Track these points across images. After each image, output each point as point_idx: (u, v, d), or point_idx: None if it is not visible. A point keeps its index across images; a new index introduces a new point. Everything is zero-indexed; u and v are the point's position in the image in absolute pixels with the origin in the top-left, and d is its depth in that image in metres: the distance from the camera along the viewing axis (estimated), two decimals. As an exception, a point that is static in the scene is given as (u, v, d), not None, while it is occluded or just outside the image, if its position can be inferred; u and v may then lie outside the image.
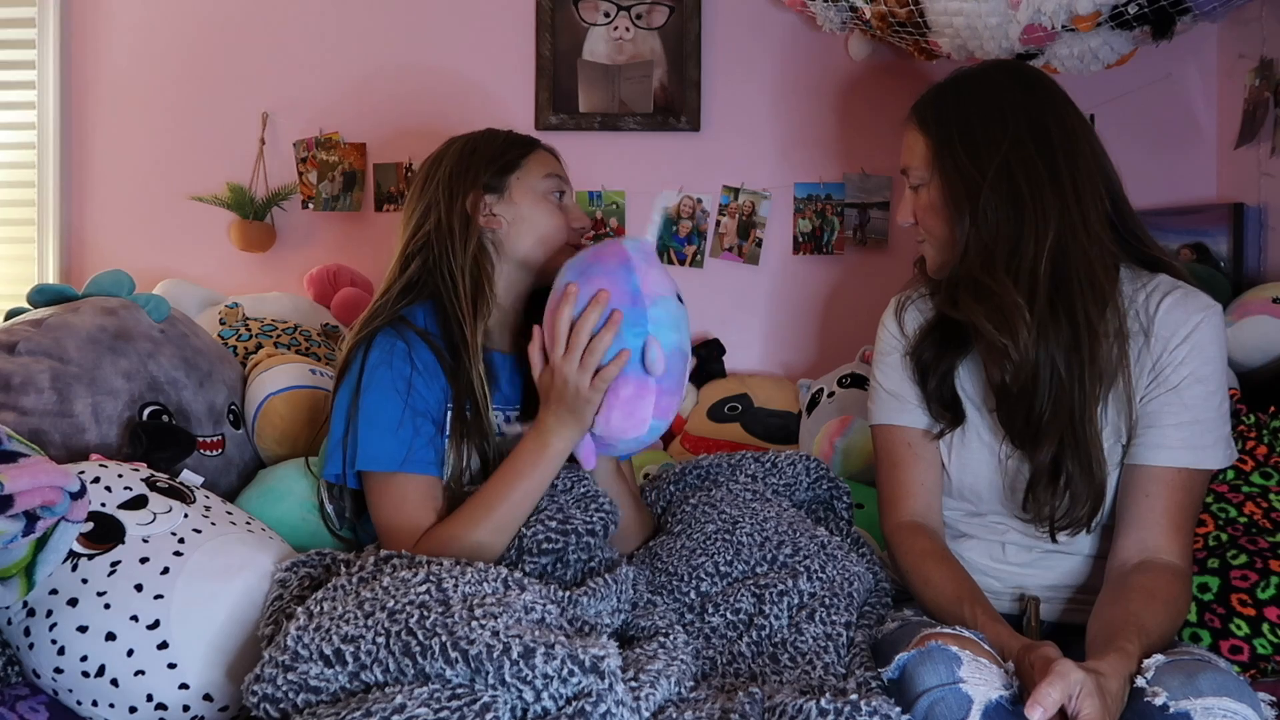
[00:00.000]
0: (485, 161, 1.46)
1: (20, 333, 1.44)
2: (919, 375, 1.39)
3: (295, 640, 1.04)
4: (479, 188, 1.44)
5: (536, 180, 1.47)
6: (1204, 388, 1.26)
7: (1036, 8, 1.75)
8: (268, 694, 1.03)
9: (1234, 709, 0.99)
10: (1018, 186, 1.25)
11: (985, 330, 1.25)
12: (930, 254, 1.38)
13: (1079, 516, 1.27)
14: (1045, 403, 1.25)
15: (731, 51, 2.34)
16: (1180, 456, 1.25)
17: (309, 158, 2.38)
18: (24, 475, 1.01)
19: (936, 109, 1.35)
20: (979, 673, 1.05)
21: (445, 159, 1.48)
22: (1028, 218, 1.25)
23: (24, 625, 1.14)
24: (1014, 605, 1.36)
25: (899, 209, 1.41)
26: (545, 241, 1.46)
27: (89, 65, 2.44)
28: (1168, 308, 1.28)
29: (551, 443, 1.29)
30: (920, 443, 1.40)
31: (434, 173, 1.47)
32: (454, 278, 1.40)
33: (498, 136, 1.51)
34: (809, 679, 1.15)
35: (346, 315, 2.26)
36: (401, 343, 1.37)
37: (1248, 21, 2.06)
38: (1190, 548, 1.27)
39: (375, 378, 1.35)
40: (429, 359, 1.38)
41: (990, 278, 1.25)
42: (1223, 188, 2.21)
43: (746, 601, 1.27)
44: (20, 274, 2.45)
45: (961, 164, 1.29)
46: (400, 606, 1.05)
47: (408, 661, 1.00)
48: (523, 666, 0.98)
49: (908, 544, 1.35)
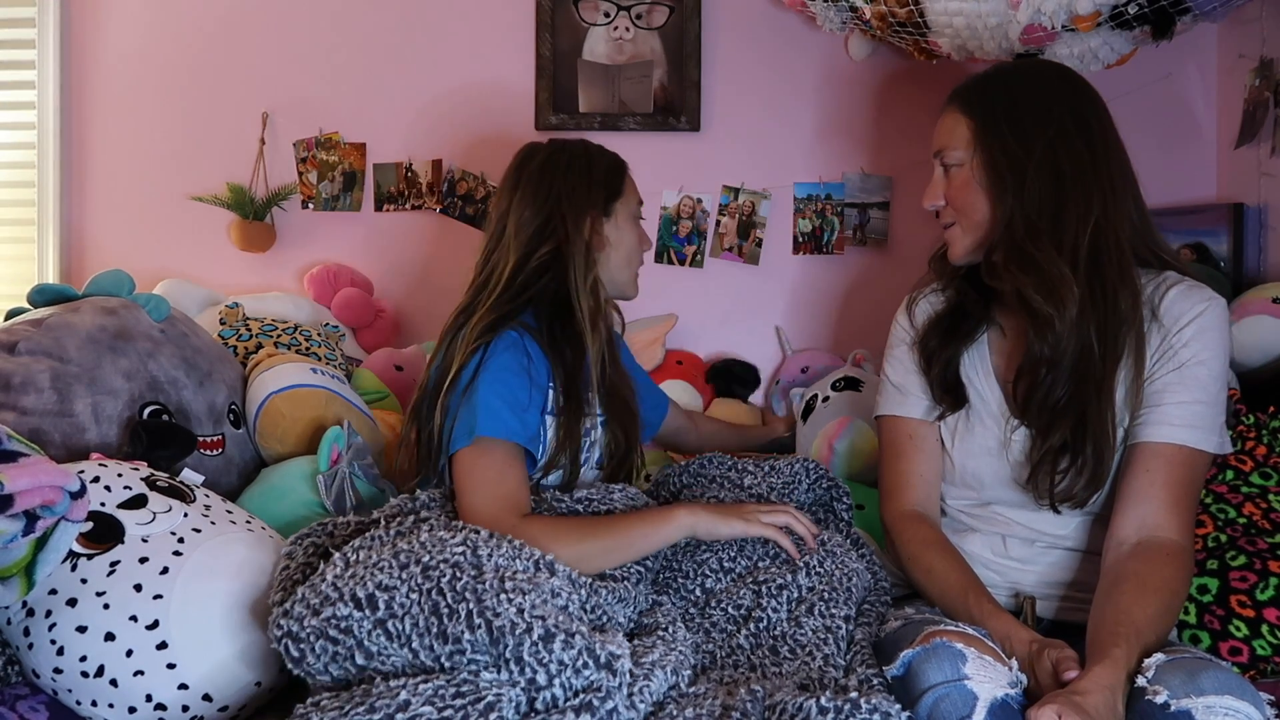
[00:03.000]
0: (601, 183, 1.55)
1: (20, 332, 1.44)
2: (924, 362, 1.44)
3: (330, 586, 1.07)
4: (596, 209, 1.53)
5: (633, 206, 1.59)
6: (1207, 370, 1.28)
7: (1036, 8, 1.75)
8: (292, 631, 1.06)
9: (1236, 707, 0.99)
10: (1061, 166, 1.30)
11: (1033, 300, 1.28)
12: (958, 237, 1.40)
13: (1081, 492, 1.29)
14: (1067, 379, 1.28)
15: (731, 51, 2.34)
16: (1181, 434, 1.26)
17: (309, 158, 2.38)
18: (24, 475, 1.01)
19: (982, 92, 1.38)
20: (984, 670, 1.05)
21: (559, 170, 1.53)
22: (1070, 197, 1.29)
23: (23, 625, 1.14)
24: (1010, 602, 1.37)
25: (927, 193, 1.43)
26: (630, 263, 1.59)
27: (89, 65, 2.44)
28: (1174, 297, 1.31)
29: (680, 517, 1.34)
30: (921, 434, 1.44)
31: (548, 182, 1.52)
32: (578, 296, 1.48)
33: (603, 155, 1.59)
34: (808, 671, 1.16)
35: (346, 315, 2.26)
36: (521, 338, 1.43)
37: (1248, 21, 2.06)
38: (1191, 526, 1.27)
39: (501, 364, 1.40)
40: (540, 355, 1.44)
41: (1037, 249, 1.29)
42: (1223, 188, 2.21)
43: (746, 597, 1.28)
44: (20, 274, 2.45)
45: (1007, 142, 1.33)
46: (435, 563, 1.08)
47: (434, 620, 1.03)
48: (541, 649, 1.00)
49: (910, 533, 1.38)
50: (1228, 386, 1.61)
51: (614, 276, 1.57)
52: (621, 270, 1.58)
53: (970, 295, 1.44)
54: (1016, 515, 1.37)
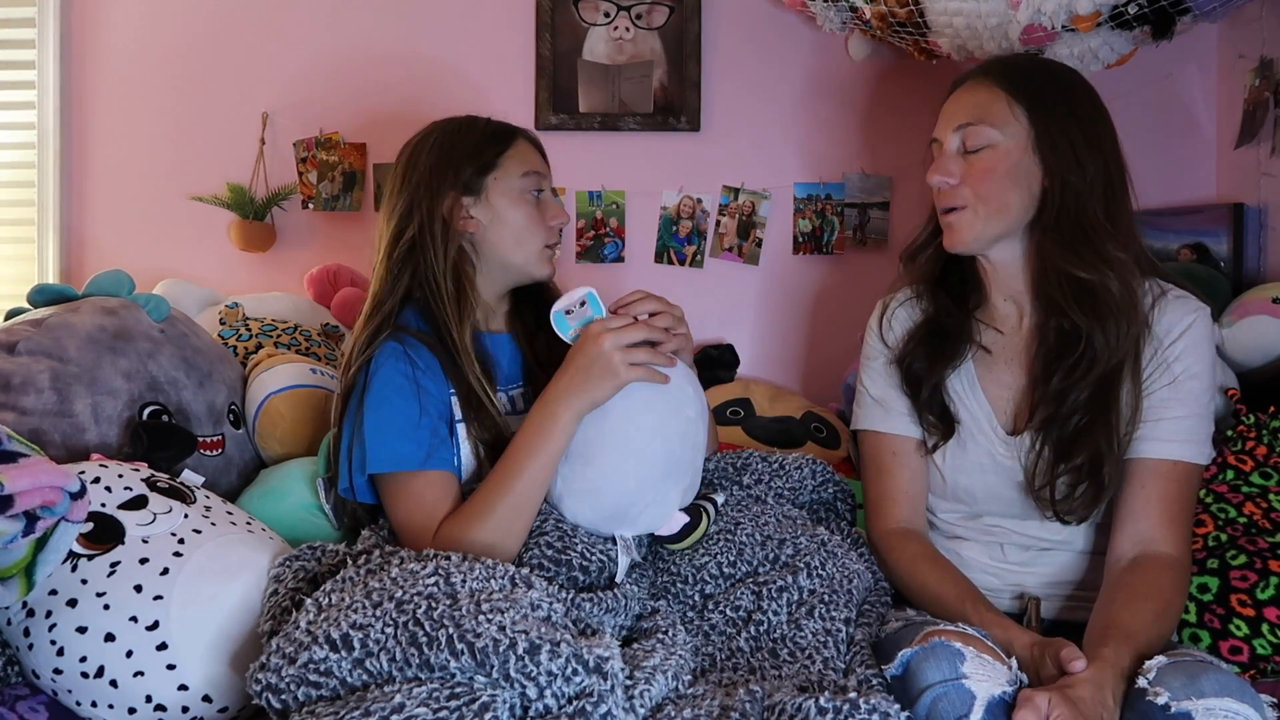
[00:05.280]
0: (463, 160, 1.43)
1: (20, 333, 1.44)
2: (909, 386, 1.39)
3: (304, 632, 1.04)
4: (457, 189, 1.42)
5: (514, 180, 1.44)
6: (1198, 383, 1.28)
7: (1036, 8, 1.75)
8: (271, 684, 1.03)
9: (1236, 709, 0.99)
10: (1109, 160, 1.30)
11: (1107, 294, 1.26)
12: (969, 223, 1.32)
13: (1089, 507, 1.28)
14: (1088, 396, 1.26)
15: (731, 51, 2.34)
16: (1176, 450, 1.26)
17: (309, 158, 2.38)
18: (24, 475, 1.01)
19: (1027, 76, 1.33)
20: (982, 669, 1.05)
21: (424, 153, 1.44)
22: (1120, 191, 1.30)
23: (23, 626, 1.14)
24: (1013, 604, 1.36)
25: (937, 167, 1.34)
26: (523, 241, 1.44)
27: (89, 65, 2.44)
28: (1164, 308, 1.31)
29: (558, 412, 1.25)
30: (906, 450, 1.40)
31: (412, 168, 1.44)
32: (436, 283, 1.39)
33: (475, 129, 1.47)
34: (808, 674, 1.16)
35: (346, 315, 2.26)
36: (402, 346, 1.36)
37: (1248, 21, 2.06)
38: (1187, 540, 1.27)
39: (383, 383, 1.33)
40: (429, 359, 1.37)
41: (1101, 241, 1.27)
42: (1223, 188, 2.21)
43: (746, 599, 1.27)
44: (20, 274, 2.45)
45: (1071, 130, 1.29)
46: (408, 597, 1.05)
47: (414, 651, 1.00)
48: (528, 662, 0.98)
49: (899, 550, 1.35)
50: (1225, 389, 1.62)
51: (506, 258, 1.45)
52: (514, 250, 1.44)
53: (949, 309, 1.38)
54: (1011, 524, 1.37)
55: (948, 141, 1.33)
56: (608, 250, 2.36)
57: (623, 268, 2.37)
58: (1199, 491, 1.39)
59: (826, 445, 2.02)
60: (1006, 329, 1.37)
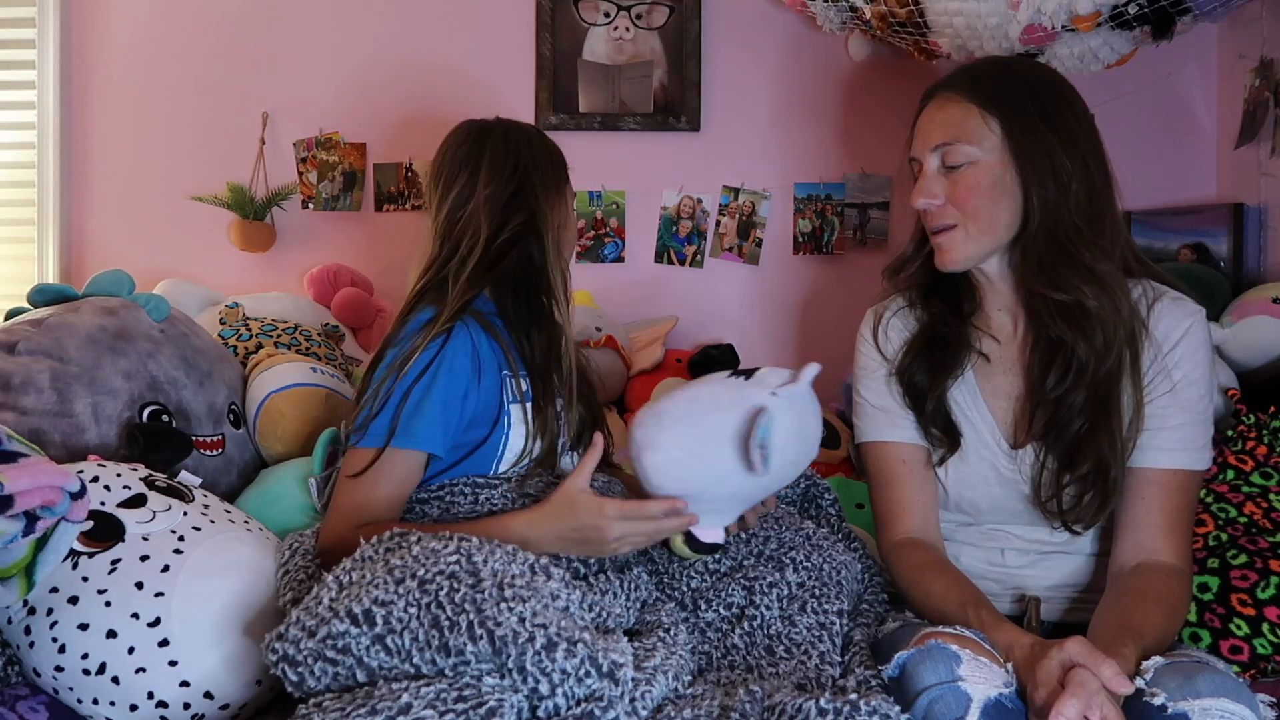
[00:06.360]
0: (557, 164, 1.50)
1: (20, 333, 1.44)
2: (912, 399, 1.36)
3: (326, 608, 1.05)
4: (559, 187, 1.48)
5: (571, 192, 1.53)
6: (1197, 389, 1.27)
7: (1036, 8, 1.75)
8: (288, 654, 1.03)
9: (1231, 710, 0.99)
10: (1091, 166, 1.26)
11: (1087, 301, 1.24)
12: (960, 242, 1.30)
13: (1096, 514, 1.27)
14: (1086, 400, 1.25)
15: (731, 51, 2.34)
16: (1176, 459, 1.26)
17: (309, 158, 2.38)
18: (24, 475, 1.01)
19: (995, 85, 1.29)
20: (978, 671, 1.05)
21: (521, 146, 1.46)
22: (1104, 196, 1.27)
23: (24, 624, 1.14)
24: (1014, 606, 1.36)
25: (921, 189, 1.31)
26: (572, 248, 1.54)
27: (89, 65, 2.44)
28: (1161, 311, 1.29)
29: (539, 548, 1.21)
30: (915, 458, 1.37)
31: (513, 157, 1.45)
32: (553, 271, 1.43)
33: (550, 140, 1.54)
34: (805, 670, 1.16)
35: (346, 315, 2.26)
36: (470, 329, 1.35)
37: (1248, 21, 2.06)
38: (1188, 548, 1.27)
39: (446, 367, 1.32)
40: (497, 351, 1.37)
41: (1083, 250, 1.24)
42: (1223, 188, 2.21)
43: (737, 595, 1.27)
44: (20, 274, 2.45)
45: (1048, 141, 1.25)
46: (430, 576, 1.06)
47: (435, 633, 1.01)
48: (543, 658, 0.99)
49: (906, 560, 1.32)
50: (1225, 389, 1.62)
51: (560, 256, 1.49)
52: (567, 251, 1.50)
53: (945, 316, 1.36)
54: (1013, 529, 1.36)
55: (927, 162, 1.31)
56: (608, 250, 2.36)
57: (623, 268, 2.37)
58: (1197, 497, 1.38)
59: (827, 445, 2.01)
60: (1003, 337, 1.36)
